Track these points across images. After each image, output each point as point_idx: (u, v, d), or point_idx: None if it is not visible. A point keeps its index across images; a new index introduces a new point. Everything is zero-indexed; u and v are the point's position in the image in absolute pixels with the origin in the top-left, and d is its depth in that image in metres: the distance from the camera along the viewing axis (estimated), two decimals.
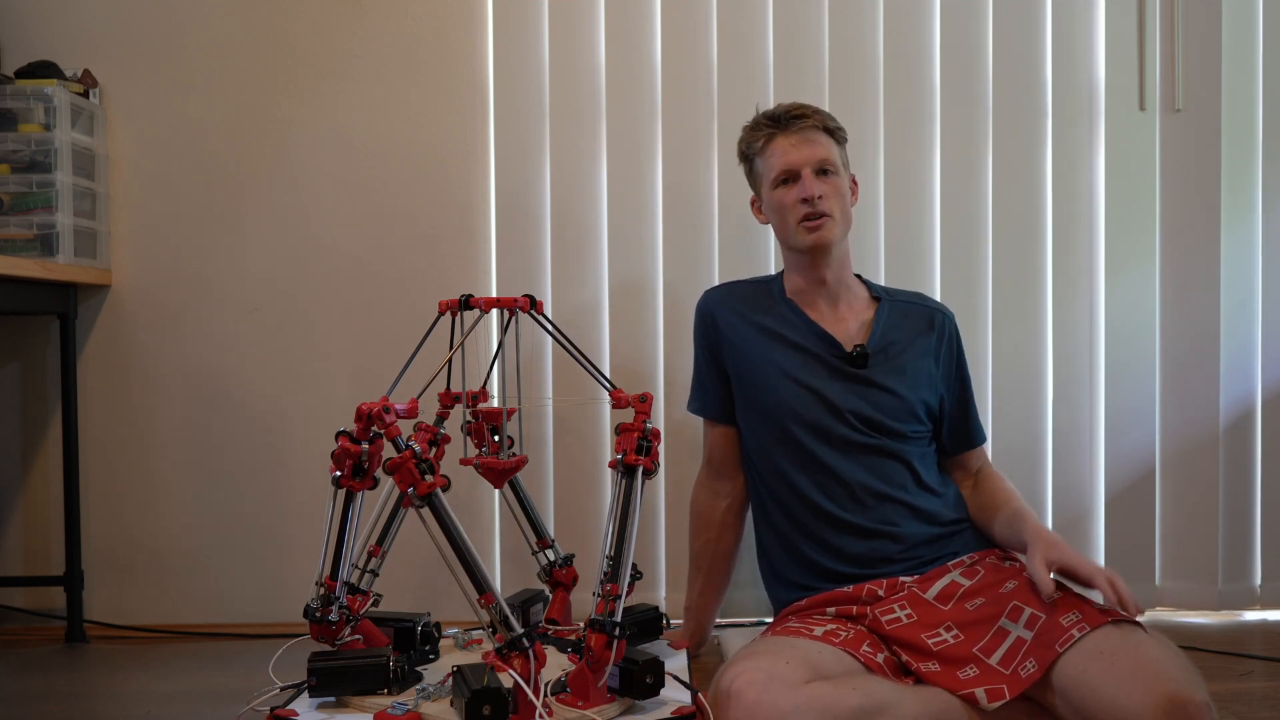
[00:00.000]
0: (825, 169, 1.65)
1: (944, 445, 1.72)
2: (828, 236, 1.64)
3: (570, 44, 2.16)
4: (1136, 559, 2.18)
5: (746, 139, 1.73)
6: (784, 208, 1.66)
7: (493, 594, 1.34)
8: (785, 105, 1.70)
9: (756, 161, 1.72)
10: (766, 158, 1.68)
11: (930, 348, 1.69)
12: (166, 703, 1.73)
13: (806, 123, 1.66)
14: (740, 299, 1.76)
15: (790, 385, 1.65)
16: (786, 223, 1.67)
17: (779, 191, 1.67)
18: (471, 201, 2.18)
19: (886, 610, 1.50)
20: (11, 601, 2.20)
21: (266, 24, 2.17)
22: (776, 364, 1.67)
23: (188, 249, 2.18)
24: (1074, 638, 1.31)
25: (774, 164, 1.67)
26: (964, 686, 1.36)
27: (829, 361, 1.66)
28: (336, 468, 1.44)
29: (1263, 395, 2.19)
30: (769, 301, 1.74)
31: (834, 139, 1.68)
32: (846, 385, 1.64)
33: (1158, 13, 2.17)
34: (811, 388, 1.64)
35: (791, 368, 1.66)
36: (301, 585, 1.97)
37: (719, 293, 1.80)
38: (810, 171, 1.64)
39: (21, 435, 2.20)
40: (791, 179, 1.65)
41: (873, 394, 1.63)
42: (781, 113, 1.68)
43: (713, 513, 1.81)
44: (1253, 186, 2.18)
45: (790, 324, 1.69)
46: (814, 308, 1.71)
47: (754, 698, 1.26)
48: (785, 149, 1.65)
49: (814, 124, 1.66)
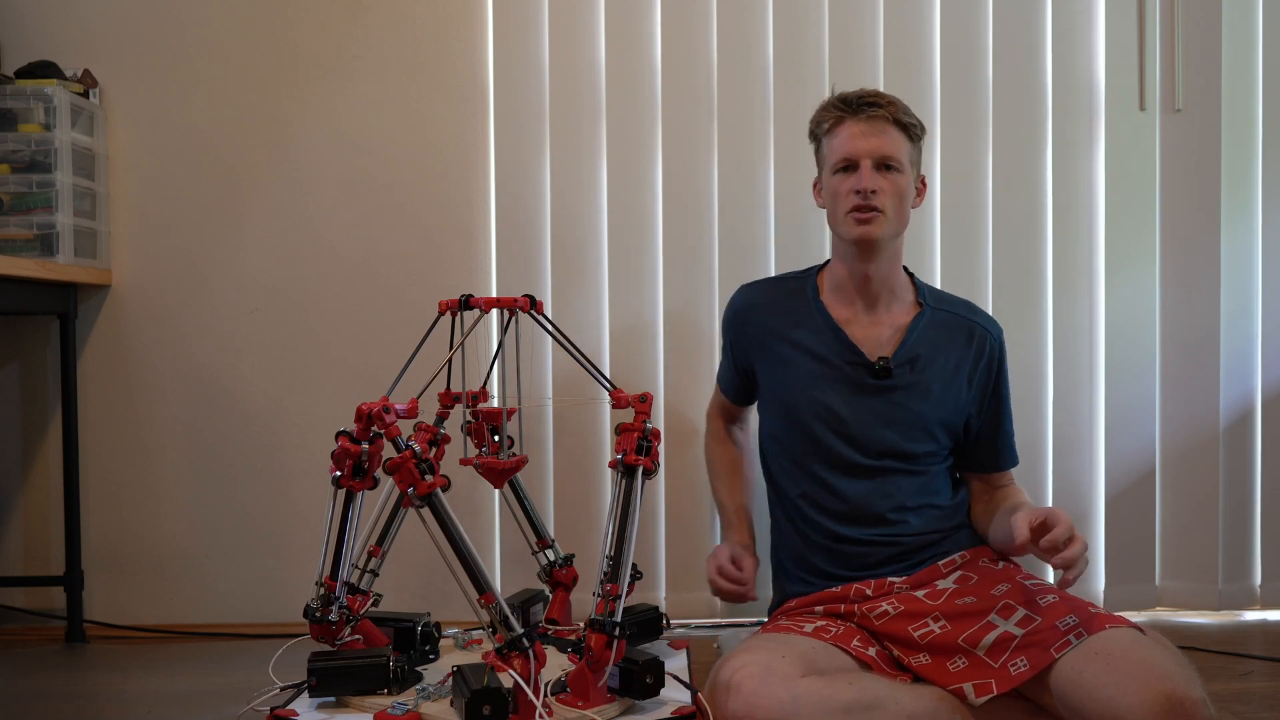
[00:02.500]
0: (888, 164, 1.58)
1: (968, 463, 1.69)
2: (874, 232, 1.57)
3: (570, 44, 2.16)
4: (1136, 559, 2.18)
5: (817, 118, 1.66)
6: (837, 195, 1.61)
7: (493, 594, 1.34)
8: (862, 89, 1.63)
9: (823, 142, 1.65)
10: (831, 140, 1.62)
11: (964, 364, 1.64)
12: (166, 703, 1.73)
13: (878, 112, 1.58)
14: (771, 301, 1.72)
15: (807, 398, 1.63)
16: (837, 210, 1.61)
17: (836, 178, 1.61)
18: (471, 201, 2.18)
19: (874, 606, 1.51)
20: (11, 601, 2.20)
21: (266, 24, 2.17)
22: (796, 374, 1.65)
23: (188, 249, 2.18)
24: (1070, 643, 1.31)
25: (836, 148, 1.60)
26: (953, 680, 1.36)
27: (850, 374, 1.62)
28: (336, 468, 1.44)
29: (1263, 395, 2.19)
30: (800, 304, 1.69)
31: (906, 134, 1.60)
32: (863, 401, 1.61)
33: (1158, 13, 2.17)
34: (828, 405, 1.62)
35: (810, 381, 1.63)
36: (301, 585, 1.97)
37: (751, 293, 1.76)
38: (869, 164, 1.57)
39: (21, 435, 2.20)
40: (851, 167, 1.59)
41: (890, 410, 1.60)
42: (855, 96, 1.61)
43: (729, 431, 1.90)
44: (1253, 186, 2.18)
45: (817, 332, 1.65)
46: (849, 307, 1.66)
47: (752, 689, 1.27)
48: (850, 135, 1.59)
49: (885, 115, 1.58)
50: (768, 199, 2.17)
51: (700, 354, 2.16)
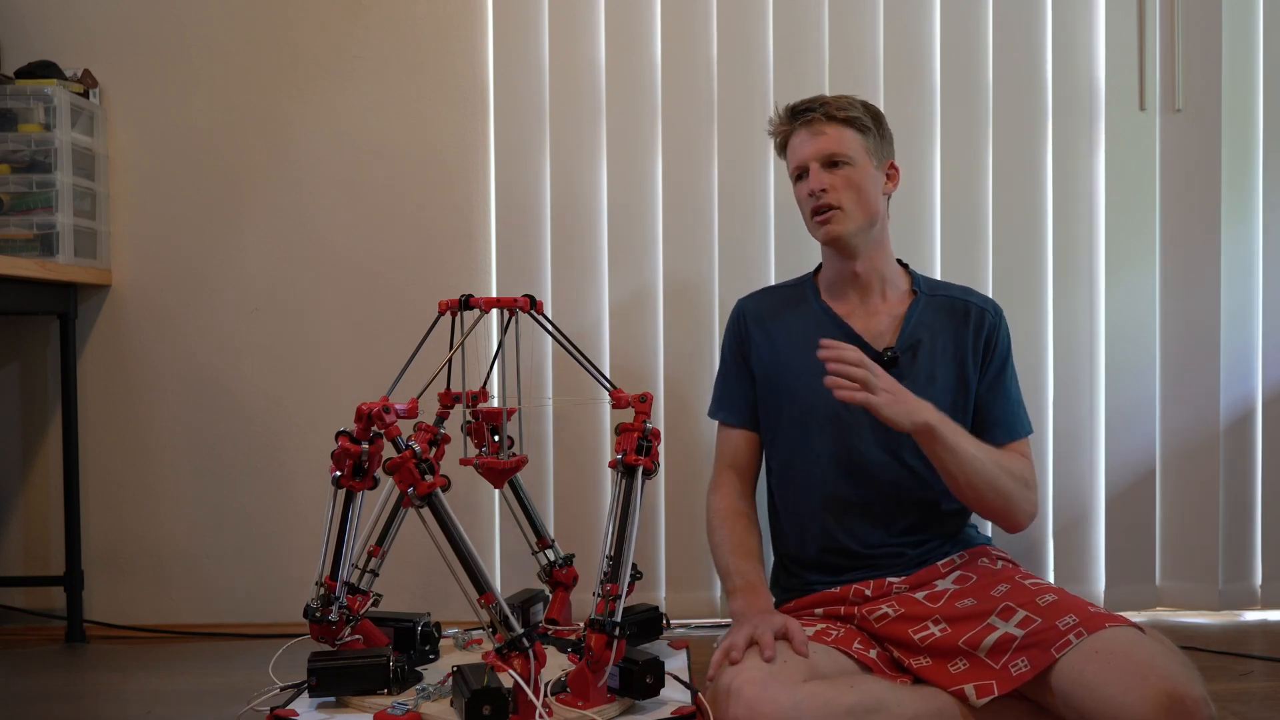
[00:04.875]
0: (835, 160, 1.60)
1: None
2: (836, 230, 1.60)
3: (570, 44, 2.16)
4: (1136, 559, 2.18)
5: (773, 136, 1.72)
6: (800, 202, 1.66)
7: (493, 594, 1.34)
8: (804, 98, 1.67)
9: (785, 157, 1.71)
10: (787, 154, 1.69)
11: (964, 343, 1.64)
12: (166, 703, 1.73)
13: (812, 116, 1.62)
14: (774, 305, 1.74)
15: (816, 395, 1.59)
16: (805, 217, 1.66)
17: (798, 187, 1.66)
18: (471, 201, 2.18)
19: (874, 609, 1.51)
20: (11, 601, 2.20)
21: (266, 24, 2.17)
22: (806, 370, 1.62)
23: (188, 249, 2.18)
24: (1071, 643, 1.31)
25: (790, 160, 1.67)
26: (954, 682, 1.36)
27: None
28: (336, 468, 1.44)
29: (1263, 395, 2.19)
30: (803, 305, 1.71)
31: (850, 127, 1.62)
32: None
33: (1158, 13, 2.16)
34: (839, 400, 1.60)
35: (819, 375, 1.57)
36: (301, 585, 1.97)
37: (754, 299, 1.78)
38: (817, 165, 1.61)
39: (21, 435, 2.20)
40: (804, 174, 1.63)
41: None
42: (792, 108, 1.66)
43: (742, 507, 1.69)
44: (1253, 186, 2.18)
45: (822, 328, 1.65)
46: (846, 302, 1.68)
47: (754, 695, 1.27)
48: (796, 145, 1.65)
49: (820, 116, 1.62)
50: (767, 199, 2.17)
51: (700, 354, 2.16)
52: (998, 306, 1.70)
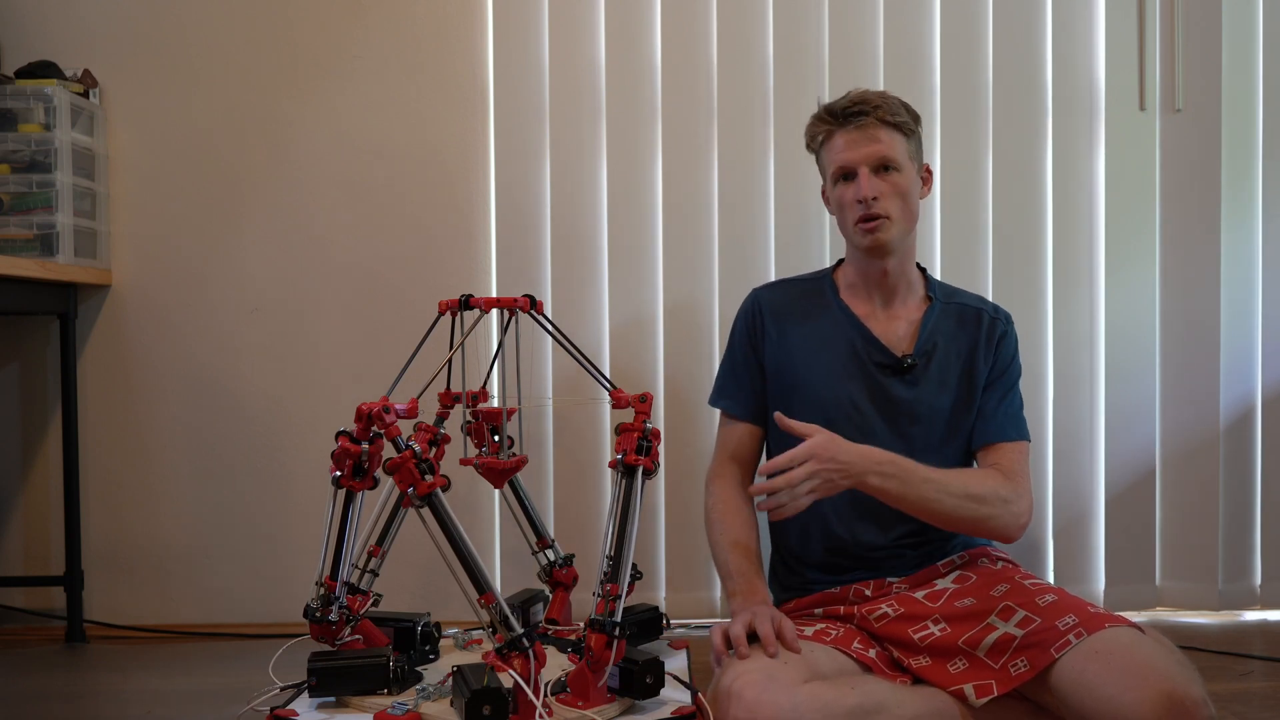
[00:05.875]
0: (886, 165, 1.56)
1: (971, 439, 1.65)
2: (884, 239, 1.57)
3: (570, 44, 2.16)
4: (1136, 559, 2.18)
5: (809, 131, 1.65)
6: (843, 205, 1.60)
7: (493, 594, 1.34)
8: (847, 98, 1.60)
9: (820, 154, 1.65)
10: (826, 153, 1.62)
11: (975, 350, 1.63)
12: (166, 703, 1.73)
13: (865, 120, 1.56)
14: (791, 299, 1.71)
15: (831, 393, 1.60)
16: (846, 220, 1.61)
17: (839, 188, 1.60)
18: (471, 201, 2.18)
19: (874, 608, 1.51)
20: (11, 601, 2.20)
21: (266, 24, 2.17)
22: (821, 369, 1.62)
23: (188, 249, 2.18)
24: (1070, 643, 1.31)
25: (832, 160, 1.60)
26: (954, 682, 1.36)
27: (873, 370, 1.61)
28: (336, 468, 1.44)
29: (1263, 395, 2.19)
30: (820, 301, 1.68)
31: (899, 132, 1.58)
32: (887, 399, 1.60)
33: (1158, 13, 2.17)
34: (853, 402, 1.60)
35: (835, 375, 1.61)
36: (301, 585, 1.97)
37: (769, 290, 1.75)
38: (867, 170, 1.56)
39: (21, 435, 2.20)
40: (850, 175, 1.58)
41: (914, 406, 1.60)
42: (841, 107, 1.59)
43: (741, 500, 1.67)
44: (1253, 187, 2.18)
45: (840, 328, 1.64)
46: (867, 303, 1.66)
47: (754, 697, 1.27)
48: (842, 146, 1.57)
49: (873, 120, 1.56)
50: (768, 198, 2.17)
51: (700, 354, 2.16)
52: (1008, 315, 1.70)
